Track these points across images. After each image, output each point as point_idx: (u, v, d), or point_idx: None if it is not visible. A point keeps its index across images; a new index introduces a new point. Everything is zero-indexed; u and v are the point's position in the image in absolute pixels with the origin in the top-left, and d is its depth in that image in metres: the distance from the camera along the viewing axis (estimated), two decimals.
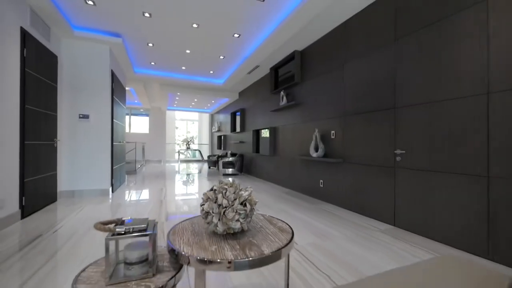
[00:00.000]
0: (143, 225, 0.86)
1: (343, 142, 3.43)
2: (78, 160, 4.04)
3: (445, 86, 2.19)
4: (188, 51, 4.75)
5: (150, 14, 3.41)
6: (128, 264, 0.85)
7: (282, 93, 4.90)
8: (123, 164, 5.48)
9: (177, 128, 14.35)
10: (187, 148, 12.85)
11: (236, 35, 4.03)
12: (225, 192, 0.98)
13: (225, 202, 0.95)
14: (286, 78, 4.84)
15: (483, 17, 1.93)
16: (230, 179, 6.44)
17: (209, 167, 9.42)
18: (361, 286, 0.66)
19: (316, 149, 3.85)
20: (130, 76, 6.20)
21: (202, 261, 0.81)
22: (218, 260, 0.80)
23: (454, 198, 2.12)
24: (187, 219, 1.21)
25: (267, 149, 5.69)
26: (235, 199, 0.96)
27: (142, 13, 3.38)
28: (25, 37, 2.88)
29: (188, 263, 0.83)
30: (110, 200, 3.86)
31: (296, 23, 3.35)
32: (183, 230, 1.06)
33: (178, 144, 13.88)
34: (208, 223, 0.97)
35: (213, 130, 12.64)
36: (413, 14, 2.48)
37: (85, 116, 4.06)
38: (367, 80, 3.02)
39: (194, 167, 9.86)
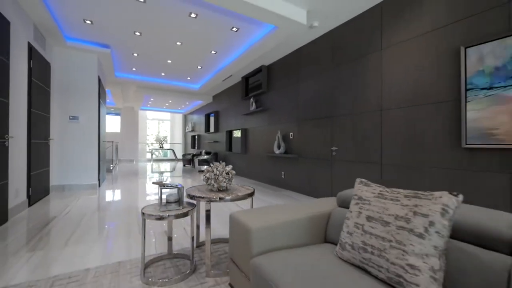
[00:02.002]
0: (177, 184, 1.65)
1: (298, 141, 4.40)
2: (68, 157, 4.47)
3: (360, 104, 3.24)
4: (169, 61, 5.38)
5: (140, 33, 4.03)
6: (168, 203, 1.63)
7: (252, 99, 5.77)
8: (104, 162, 5.90)
9: (148, 128, 14.46)
10: (160, 147, 13.12)
11: (213, 52, 4.80)
12: (218, 167, 1.80)
13: (217, 172, 1.77)
14: (255, 86, 5.72)
15: (379, 61, 3.00)
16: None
17: (184, 165, 9.96)
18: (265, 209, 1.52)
19: (279, 147, 4.78)
20: (110, 79, 6.58)
21: (208, 199, 1.62)
22: (214, 197, 1.62)
23: (365, 178, 3.17)
24: (192, 186, 2.00)
25: (239, 148, 6.52)
26: (223, 171, 1.79)
27: (133, 32, 3.99)
28: (31, 51, 3.35)
29: (200, 201, 1.64)
30: (101, 193, 4.37)
31: (262, 47, 4.24)
32: (193, 190, 1.85)
33: (148, 143, 14.01)
34: (208, 184, 1.78)
35: (186, 130, 13.09)
36: (343, 51, 3.51)
37: (75, 118, 4.51)
38: (314, 94, 4.02)
39: (168, 166, 10.31)
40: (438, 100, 2.43)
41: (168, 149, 13.31)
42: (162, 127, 15.26)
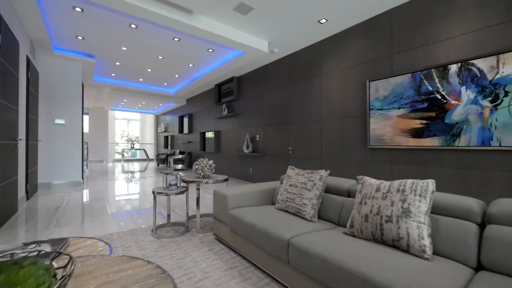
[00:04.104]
0: (176, 173, 2.45)
1: (263, 142, 5.35)
2: (54, 157, 4.86)
3: (308, 114, 4.28)
4: (149, 70, 5.96)
5: (126, 48, 4.62)
6: (170, 185, 2.42)
7: (224, 105, 6.59)
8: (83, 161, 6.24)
9: (115, 128, 14.33)
10: (132, 147, 13.20)
11: (190, 65, 5.53)
12: (203, 161, 2.63)
13: (203, 164, 2.60)
14: (226, 92, 6.54)
15: (320, 84, 4.06)
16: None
17: (158, 165, 10.37)
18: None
19: (247, 147, 5.68)
20: (88, 83, 6.87)
21: (197, 182, 2.44)
22: (202, 180, 2.45)
23: (311, 169, 4.21)
24: (184, 175, 2.78)
25: (212, 148, 7.28)
26: (207, 164, 2.62)
27: (120, 47, 4.57)
28: (29, 63, 3.79)
29: (191, 183, 2.45)
30: (87, 189, 4.85)
31: (233, 64, 5.10)
32: (185, 177, 2.64)
33: (116, 143, 13.94)
34: (196, 173, 2.60)
35: (159, 130, 13.36)
36: (296, 72, 4.53)
37: (60, 121, 4.90)
38: (276, 104, 5.00)
39: (141, 166, 10.61)
40: (355, 115, 3.53)
41: (139, 149, 13.43)
42: (131, 126, 15.16)
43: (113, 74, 6.39)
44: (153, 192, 2.36)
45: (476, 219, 1.22)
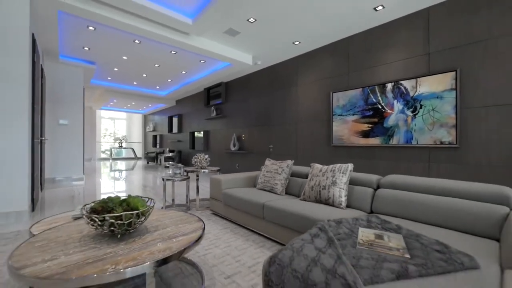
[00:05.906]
0: (180, 165, 3.15)
1: (248, 141, 6.11)
2: (58, 155, 5.34)
3: (286, 118, 5.09)
4: (144, 75, 6.53)
5: (127, 57, 5.20)
6: (175, 174, 3.12)
7: (212, 107, 7.28)
8: None
9: (102, 128, 14.51)
10: (120, 146, 13.48)
11: (183, 72, 6.18)
12: (200, 155, 3.35)
13: (201, 158, 3.32)
14: (215, 95, 7.23)
15: (296, 93, 4.88)
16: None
17: (148, 162, 10.84)
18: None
19: (234, 146, 6.41)
20: (85, 85, 7.29)
21: (196, 172, 3.16)
22: (199, 170, 3.18)
23: None
24: (184, 167, 3.48)
25: (201, 146, 7.94)
26: (204, 157, 3.35)
27: (122, 57, 5.15)
28: (42, 71, 4.31)
29: (191, 173, 3.17)
30: (90, 182, 5.38)
31: (221, 73, 5.82)
32: (186, 168, 3.35)
33: (102, 142, 14.15)
34: (195, 165, 3.32)
35: (147, 130, 13.73)
36: (276, 81, 5.33)
37: (64, 121, 5.40)
38: (259, 108, 5.77)
39: (129, 164, 11.02)
40: (322, 119, 4.38)
41: (127, 147, 13.73)
42: (117, 125, 15.34)
43: (109, 78, 6.88)
44: (163, 179, 3.05)
45: (373, 186, 2.06)
